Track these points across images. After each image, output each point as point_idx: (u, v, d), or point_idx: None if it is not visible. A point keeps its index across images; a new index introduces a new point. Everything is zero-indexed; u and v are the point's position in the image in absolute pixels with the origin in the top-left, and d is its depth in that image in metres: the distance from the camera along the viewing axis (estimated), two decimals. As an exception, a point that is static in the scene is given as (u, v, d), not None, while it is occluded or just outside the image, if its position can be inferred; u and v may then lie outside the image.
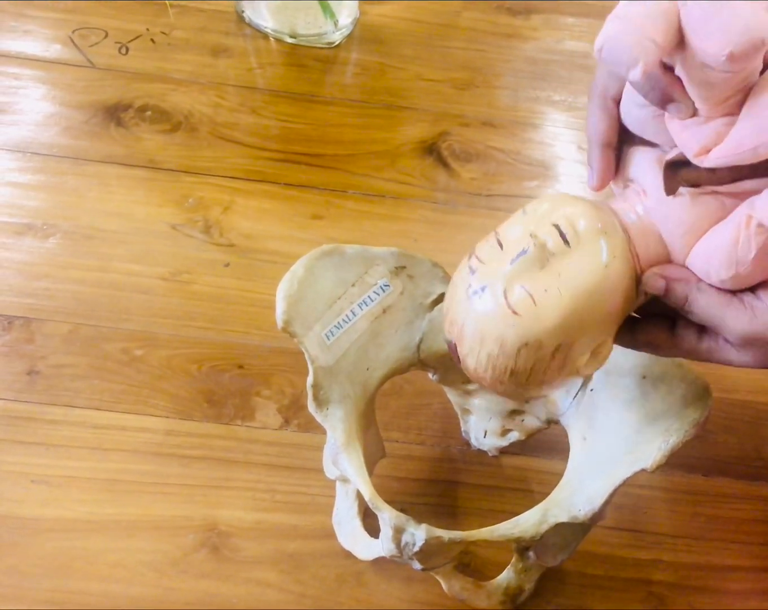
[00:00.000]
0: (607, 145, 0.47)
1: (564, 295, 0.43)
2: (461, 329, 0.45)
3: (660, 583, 0.57)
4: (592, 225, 0.44)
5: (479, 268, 0.45)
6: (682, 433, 0.47)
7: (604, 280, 0.44)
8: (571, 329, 0.43)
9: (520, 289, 0.43)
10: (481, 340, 0.44)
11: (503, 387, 0.46)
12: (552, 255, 0.43)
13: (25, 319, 0.66)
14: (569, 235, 0.44)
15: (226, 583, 0.54)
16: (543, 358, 0.44)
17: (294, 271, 0.52)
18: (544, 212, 0.45)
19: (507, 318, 0.43)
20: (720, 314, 0.43)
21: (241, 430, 0.61)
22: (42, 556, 0.54)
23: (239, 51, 0.90)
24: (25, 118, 0.80)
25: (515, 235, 0.45)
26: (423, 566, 0.49)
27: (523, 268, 0.43)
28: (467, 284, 0.45)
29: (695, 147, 0.42)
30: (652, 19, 0.38)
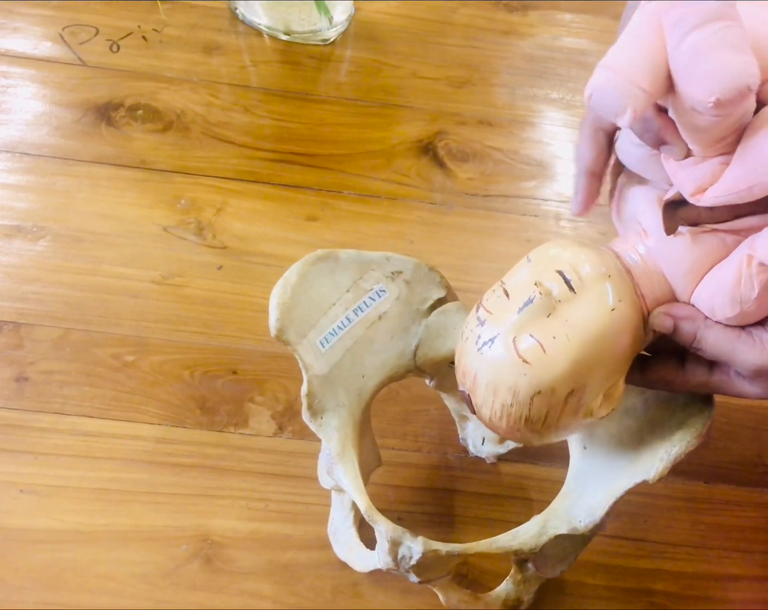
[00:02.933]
0: (593, 174, 0.47)
1: (572, 341, 0.43)
2: (474, 381, 0.45)
3: (661, 593, 0.56)
4: (596, 270, 0.45)
5: (488, 319, 0.45)
6: (685, 444, 0.46)
7: (612, 323, 0.44)
8: (581, 374, 0.44)
9: (529, 338, 0.43)
10: (495, 391, 0.44)
11: (519, 435, 0.46)
12: (558, 302, 0.44)
13: (14, 324, 0.64)
14: (573, 281, 0.44)
15: (219, 595, 0.53)
16: (556, 404, 0.44)
17: (287, 277, 0.51)
18: (547, 260, 0.45)
19: (518, 368, 0.44)
20: (730, 348, 0.44)
21: (234, 437, 0.60)
22: (30, 568, 0.53)
23: (232, 48, 0.89)
24: (14, 118, 0.79)
25: (521, 284, 0.45)
26: (420, 579, 0.48)
27: (531, 317, 0.44)
28: (476, 336, 0.45)
29: (691, 187, 0.42)
30: (640, 66, 0.39)
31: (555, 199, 0.79)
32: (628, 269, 0.46)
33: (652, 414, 0.50)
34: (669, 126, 0.42)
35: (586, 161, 0.47)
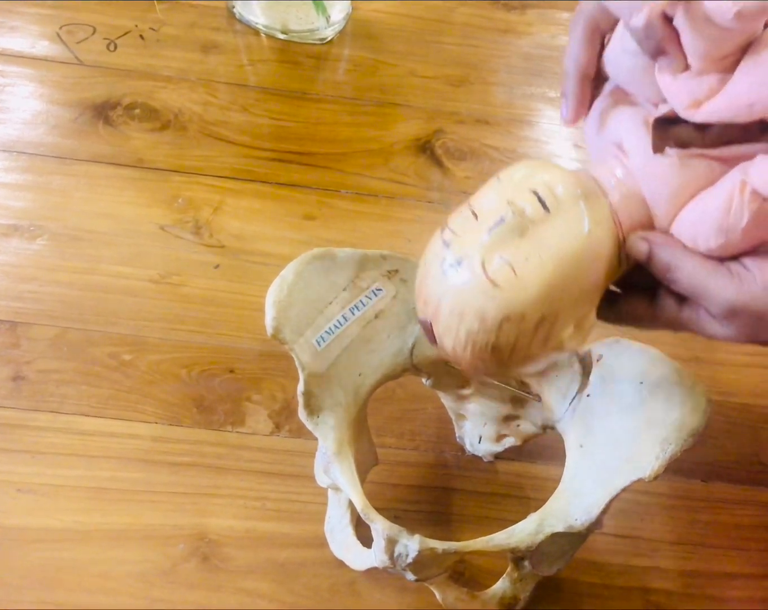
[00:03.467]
0: (586, 77, 0.44)
1: (546, 263, 0.40)
2: (437, 307, 0.42)
3: (658, 591, 0.56)
4: (572, 190, 0.42)
5: (453, 241, 0.42)
6: (681, 442, 0.46)
7: (588, 246, 0.41)
8: (554, 299, 0.41)
9: (499, 260, 0.40)
10: (460, 316, 0.41)
11: (484, 365, 0.43)
12: (532, 223, 0.41)
13: (10, 323, 0.64)
14: (548, 201, 0.41)
15: (217, 593, 0.53)
16: (526, 331, 0.41)
17: (283, 276, 0.51)
18: (520, 179, 0.42)
19: (487, 291, 0.40)
20: (705, 282, 0.41)
21: (231, 436, 0.60)
22: (28, 567, 0.53)
23: (230, 47, 0.89)
24: (12, 117, 0.79)
25: (491, 204, 0.42)
26: (417, 577, 0.48)
27: (502, 238, 0.41)
28: (441, 259, 0.42)
29: (686, 100, 0.41)
30: None
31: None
32: (606, 194, 0.43)
33: (649, 412, 0.50)
34: (672, 36, 0.40)
35: (581, 64, 0.44)
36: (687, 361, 0.68)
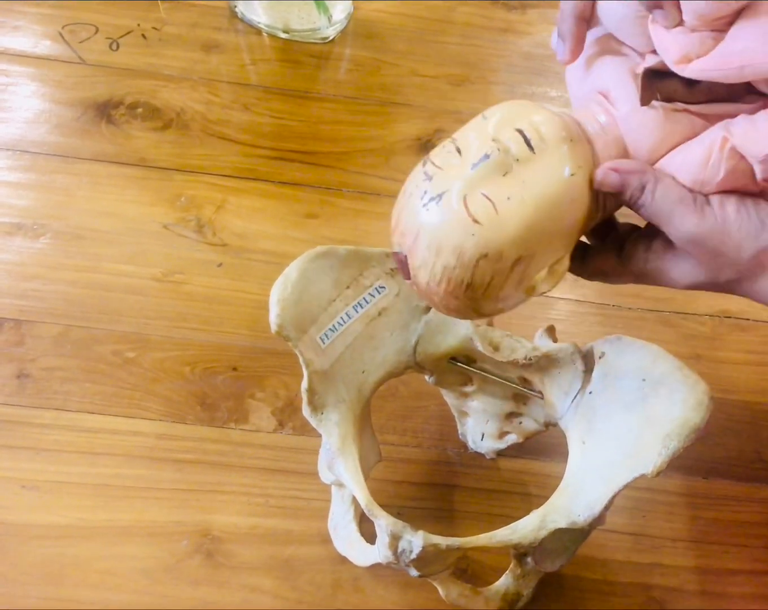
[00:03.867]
0: (583, 18, 0.45)
1: (527, 203, 0.41)
2: (414, 240, 0.41)
3: (660, 587, 0.56)
4: (558, 132, 0.42)
5: (436, 174, 0.41)
6: (683, 438, 0.47)
7: (569, 190, 0.42)
8: (532, 240, 0.41)
9: (481, 197, 0.40)
10: (437, 251, 0.41)
11: (456, 303, 0.43)
12: (515, 161, 0.41)
13: (14, 321, 0.64)
14: (534, 140, 0.41)
15: (221, 590, 0.54)
16: (502, 271, 0.41)
17: (287, 274, 0.51)
18: (506, 117, 0.42)
19: (466, 227, 0.40)
20: (671, 208, 0.42)
21: (234, 433, 0.61)
22: (32, 563, 0.53)
23: (232, 47, 0.89)
24: (15, 116, 0.79)
25: (475, 140, 0.42)
26: (420, 573, 0.49)
27: (485, 174, 0.41)
28: (422, 191, 0.41)
29: (677, 54, 0.41)
30: None
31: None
32: (588, 139, 0.43)
33: (650, 409, 0.50)
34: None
35: (578, 6, 0.44)
36: (688, 358, 0.67)
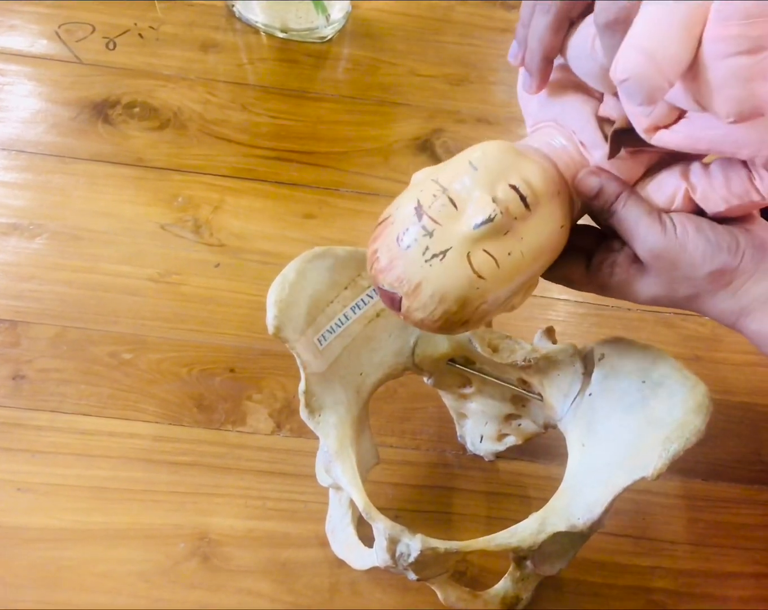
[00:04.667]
0: (551, 59, 0.46)
1: (526, 257, 0.44)
2: (416, 288, 0.44)
3: (660, 590, 0.56)
4: (547, 187, 0.45)
5: (436, 230, 0.43)
6: (683, 441, 0.46)
7: (561, 239, 0.46)
8: (524, 282, 0.46)
9: (484, 254, 0.43)
10: (441, 300, 0.44)
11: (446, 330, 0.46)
12: (515, 220, 0.44)
13: (10, 322, 0.64)
14: (529, 198, 0.44)
15: (217, 593, 0.53)
16: (496, 306, 0.45)
17: (285, 275, 0.51)
18: (495, 169, 0.44)
19: (472, 282, 0.43)
20: (638, 220, 0.45)
21: (231, 435, 0.60)
22: (28, 566, 0.53)
23: (229, 46, 0.88)
24: (11, 115, 0.78)
25: (469, 194, 0.44)
26: (418, 577, 0.48)
27: (488, 234, 0.43)
28: (423, 247, 0.43)
29: (645, 123, 0.43)
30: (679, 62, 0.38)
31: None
32: (554, 164, 0.46)
33: (650, 411, 0.49)
34: None
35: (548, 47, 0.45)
36: (687, 359, 0.68)
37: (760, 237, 0.45)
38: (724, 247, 0.44)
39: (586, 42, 0.44)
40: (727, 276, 0.45)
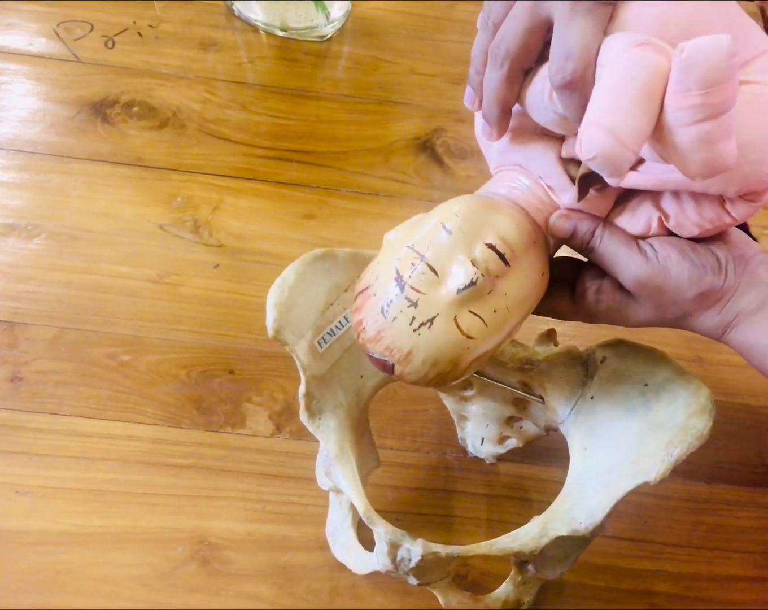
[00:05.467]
0: (508, 110, 0.46)
1: (512, 310, 0.45)
2: (407, 356, 0.44)
3: (662, 594, 0.56)
4: (522, 239, 0.45)
5: (420, 300, 0.44)
6: (686, 445, 0.46)
7: (543, 285, 0.47)
8: (514, 332, 0.47)
9: (470, 315, 0.44)
10: (433, 364, 0.44)
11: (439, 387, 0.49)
12: (496, 277, 0.44)
13: (8, 323, 0.64)
14: (507, 255, 0.45)
15: (217, 597, 0.53)
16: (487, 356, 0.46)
17: (284, 277, 0.50)
18: (472, 231, 0.45)
19: (462, 343, 0.44)
20: (618, 252, 0.46)
21: (231, 438, 0.60)
22: (26, 570, 0.53)
23: (228, 45, 0.88)
24: (9, 115, 0.78)
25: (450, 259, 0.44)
26: (419, 581, 0.48)
27: (472, 297, 0.44)
28: (409, 317, 0.44)
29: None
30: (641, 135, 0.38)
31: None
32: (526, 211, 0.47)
33: (653, 415, 0.49)
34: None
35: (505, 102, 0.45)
36: (689, 361, 0.67)
37: (739, 248, 0.46)
38: (708, 268, 0.45)
39: (543, 94, 0.43)
40: (712, 296, 0.46)
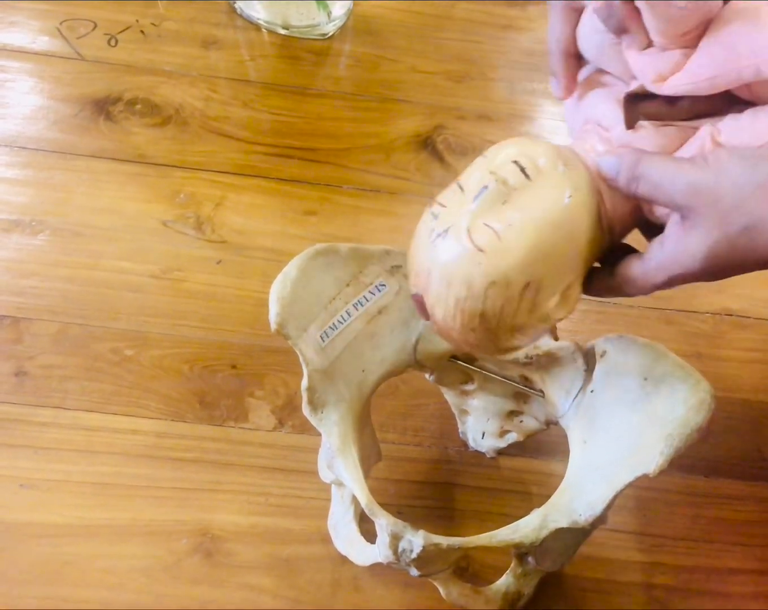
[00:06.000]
0: (570, 54, 0.46)
1: (528, 228, 0.42)
2: (427, 278, 0.43)
3: (661, 586, 0.56)
4: (553, 160, 0.43)
5: (441, 213, 0.43)
6: (685, 437, 0.46)
7: (568, 212, 0.43)
8: (537, 264, 0.42)
9: (484, 227, 0.42)
10: (449, 284, 0.42)
11: (474, 336, 0.44)
12: (514, 190, 0.42)
13: (12, 318, 0.64)
14: (529, 169, 0.42)
15: (220, 589, 0.53)
16: (512, 297, 0.42)
17: (287, 272, 0.51)
18: (503, 153, 0.44)
19: (473, 257, 0.41)
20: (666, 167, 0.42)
21: (234, 431, 0.60)
22: (31, 562, 0.53)
23: (231, 43, 0.88)
24: (12, 112, 0.78)
25: (475, 177, 0.43)
26: (420, 573, 0.48)
27: (486, 206, 0.42)
28: (430, 229, 0.43)
29: (652, 74, 0.43)
30: None
31: (554, 194, 0.79)
32: (586, 166, 0.44)
33: (652, 408, 0.49)
34: (633, 14, 0.42)
35: (563, 42, 0.46)
36: (689, 356, 0.67)
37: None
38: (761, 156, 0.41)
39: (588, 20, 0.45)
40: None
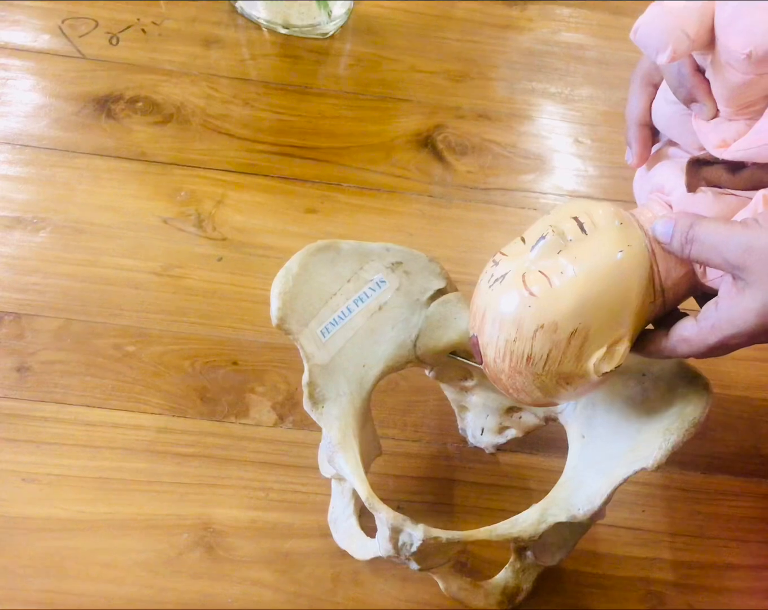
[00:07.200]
0: (644, 125, 0.50)
1: (579, 277, 0.44)
2: (482, 319, 0.46)
3: (659, 581, 0.57)
4: (609, 216, 0.46)
5: (502, 260, 0.47)
6: (683, 432, 0.47)
7: (619, 266, 0.45)
8: (585, 313, 0.44)
9: (538, 273, 0.45)
10: (500, 325, 0.45)
11: (521, 379, 0.46)
12: (570, 242, 0.45)
13: (14, 314, 0.64)
14: (587, 225, 0.45)
15: (221, 583, 0.54)
16: (559, 342, 0.44)
17: (288, 267, 0.51)
18: (565, 210, 0.47)
19: (525, 300, 0.44)
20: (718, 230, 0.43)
21: (235, 427, 0.61)
22: (33, 556, 0.53)
23: (231, 42, 0.89)
24: (14, 110, 0.79)
25: (537, 230, 0.47)
26: (420, 567, 0.49)
27: (543, 255, 0.45)
28: (489, 275, 0.47)
29: (716, 140, 0.45)
30: (689, 12, 0.41)
31: (553, 193, 0.79)
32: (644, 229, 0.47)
33: (650, 403, 0.50)
34: (702, 85, 0.45)
35: (637, 113, 0.50)
36: (687, 354, 0.68)
37: None
38: None
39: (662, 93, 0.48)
40: None
